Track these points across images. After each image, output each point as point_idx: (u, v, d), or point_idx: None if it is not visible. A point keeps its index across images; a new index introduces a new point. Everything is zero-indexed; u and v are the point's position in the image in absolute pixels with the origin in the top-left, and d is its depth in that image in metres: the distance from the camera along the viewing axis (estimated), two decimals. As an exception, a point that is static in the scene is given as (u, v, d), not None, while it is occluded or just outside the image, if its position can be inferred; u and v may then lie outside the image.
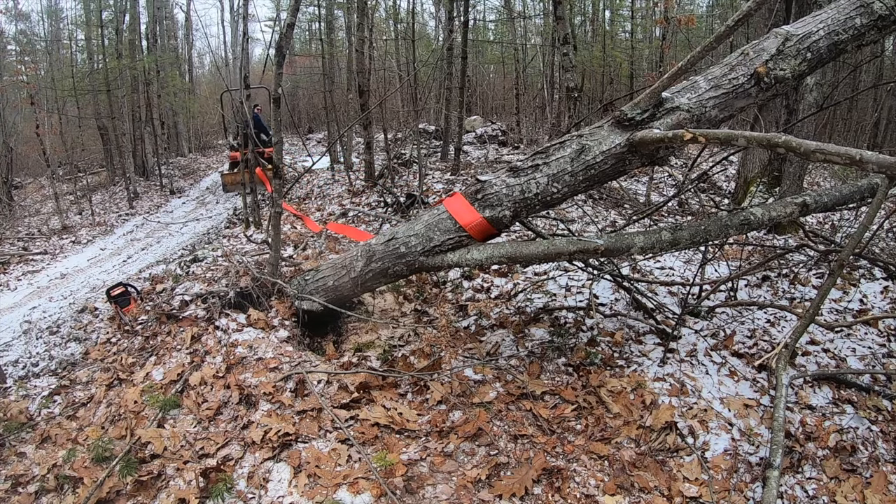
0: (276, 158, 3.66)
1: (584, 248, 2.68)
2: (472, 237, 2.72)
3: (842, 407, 2.57)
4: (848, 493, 2.18)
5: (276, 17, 18.89)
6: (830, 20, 2.60)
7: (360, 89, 8.58)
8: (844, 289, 3.65)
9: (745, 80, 2.56)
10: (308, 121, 19.21)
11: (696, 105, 2.57)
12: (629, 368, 3.00)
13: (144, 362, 3.36)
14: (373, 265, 2.91)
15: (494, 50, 18.39)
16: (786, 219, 2.78)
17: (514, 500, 2.27)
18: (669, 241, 2.67)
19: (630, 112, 2.56)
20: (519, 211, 2.69)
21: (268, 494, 2.32)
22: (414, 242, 2.81)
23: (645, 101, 2.54)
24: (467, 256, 2.71)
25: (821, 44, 2.57)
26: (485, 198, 2.69)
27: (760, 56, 2.56)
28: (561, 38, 6.78)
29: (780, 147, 1.99)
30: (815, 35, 2.57)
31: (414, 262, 2.83)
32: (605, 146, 2.56)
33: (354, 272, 2.98)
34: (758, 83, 2.54)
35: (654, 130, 2.47)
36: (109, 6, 14.26)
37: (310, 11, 16.14)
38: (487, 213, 2.68)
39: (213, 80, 23.72)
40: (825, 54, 2.59)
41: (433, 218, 2.84)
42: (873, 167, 1.79)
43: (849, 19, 2.59)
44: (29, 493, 2.51)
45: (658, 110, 2.54)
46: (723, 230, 2.68)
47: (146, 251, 8.11)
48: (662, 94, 2.54)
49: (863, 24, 2.58)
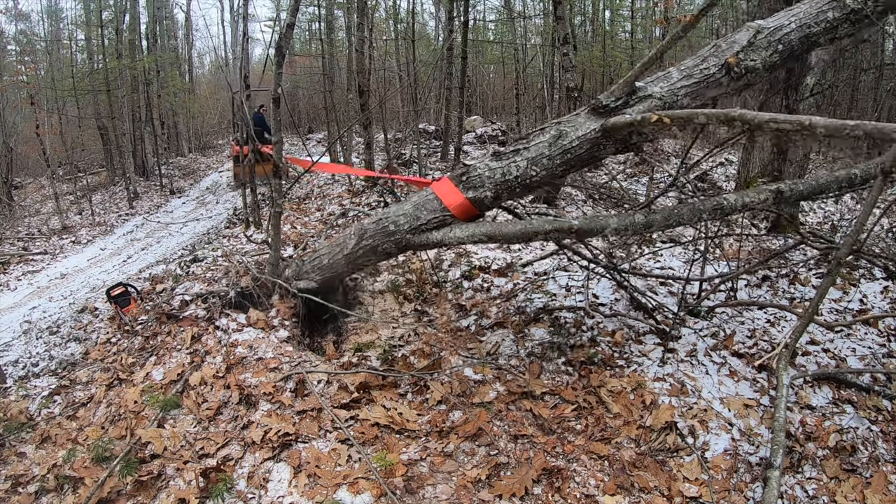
0: (277, 158, 3.66)
1: (558, 227, 2.77)
2: (455, 217, 2.85)
3: (842, 407, 2.57)
4: (848, 493, 2.18)
5: (276, 17, 18.89)
6: (803, 14, 2.68)
7: (360, 89, 8.58)
8: (844, 289, 3.65)
9: (716, 70, 2.65)
10: (308, 121, 19.20)
11: (668, 93, 2.67)
12: (629, 368, 3.00)
13: (144, 362, 3.36)
14: (363, 242, 3.05)
15: (494, 50, 18.38)
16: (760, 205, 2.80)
17: (514, 500, 2.27)
18: (643, 224, 2.73)
19: (605, 100, 2.68)
20: (500, 193, 2.82)
21: (268, 494, 2.32)
22: (402, 221, 2.95)
23: (619, 89, 2.66)
24: (450, 234, 2.84)
25: (792, 36, 2.65)
26: (469, 180, 2.84)
27: (732, 48, 2.66)
28: (561, 38, 6.78)
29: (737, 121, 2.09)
30: (787, 28, 2.65)
31: (402, 240, 2.97)
32: (582, 132, 2.69)
33: (347, 249, 3.13)
34: (728, 73, 2.63)
35: (625, 115, 2.59)
36: (109, 6, 14.25)
37: (310, 11, 16.13)
38: (470, 194, 2.81)
39: (213, 80, 23.72)
40: (797, 46, 2.67)
41: (421, 199, 2.97)
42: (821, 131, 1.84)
43: (821, 13, 2.66)
44: (29, 493, 2.51)
45: (631, 98, 2.66)
46: (695, 214, 2.74)
47: (146, 251, 8.10)
48: (636, 84, 2.65)
49: (835, 17, 2.65)
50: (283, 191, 3.81)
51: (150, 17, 15.65)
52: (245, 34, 7.25)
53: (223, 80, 12.83)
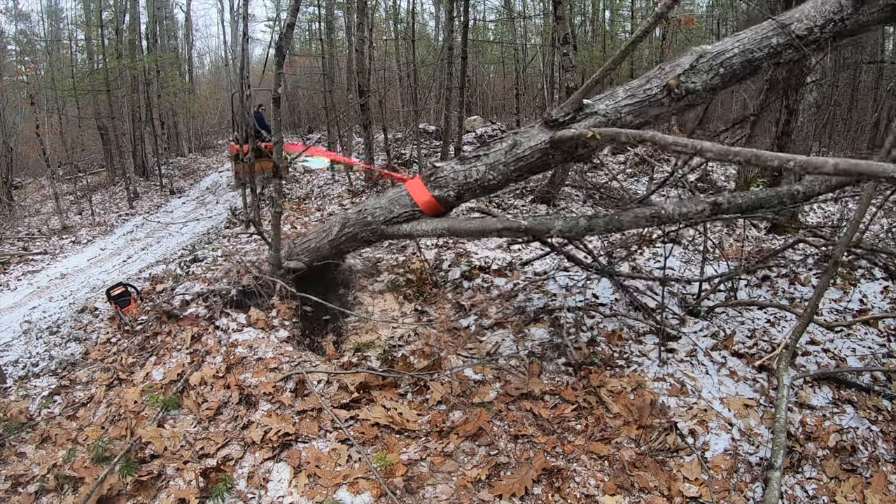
0: (277, 158, 3.66)
1: (509, 226, 3.04)
2: (423, 212, 3.14)
3: (842, 407, 2.57)
4: (848, 493, 2.19)
5: (276, 17, 18.87)
6: (747, 39, 2.81)
7: (360, 89, 8.58)
8: (844, 289, 3.65)
9: (657, 90, 2.81)
10: (308, 121, 19.19)
11: (613, 111, 2.86)
12: (629, 368, 3.00)
13: (144, 362, 3.36)
14: (346, 230, 3.36)
15: (494, 50, 18.36)
16: (697, 217, 2.93)
17: (514, 500, 2.27)
18: (585, 227, 2.97)
19: (556, 114, 2.91)
20: (462, 193, 3.10)
21: (268, 494, 2.32)
22: (378, 213, 3.25)
23: (568, 105, 2.88)
24: (417, 227, 3.15)
25: (734, 60, 2.77)
26: (436, 180, 3.11)
27: (675, 70, 2.81)
28: (561, 38, 6.77)
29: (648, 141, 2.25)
30: (729, 52, 2.78)
31: (377, 230, 3.27)
32: (534, 142, 2.93)
33: (331, 235, 3.43)
34: (669, 94, 2.79)
35: (570, 129, 2.80)
36: (109, 6, 14.24)
37: (310, 11, 16.12)
38: (436, 192, 3.09)
39: (213, 80, 23.71)
40: (738, 70, 2.79)
41: (395, 195, 3.26)
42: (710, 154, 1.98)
43: (765, 38, 2.78)
44: (29, 493, 2.51)
45: (578, 114, 2.87)
46: (635, 221, 2.92)
47: (146, 251, 8.10)
48: (584, 101, 2.86)
49: (779, 42, 2.77)
50: (283, 191, 3.81)
51: (150, 17, 15.65)
52: (245, 34, 7.24)
53: (223, 80, 12.83)
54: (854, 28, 2.84)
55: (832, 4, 2.75)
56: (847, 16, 2.74)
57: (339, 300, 3.96)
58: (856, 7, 2.73)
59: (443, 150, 11.51)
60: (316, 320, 3.84)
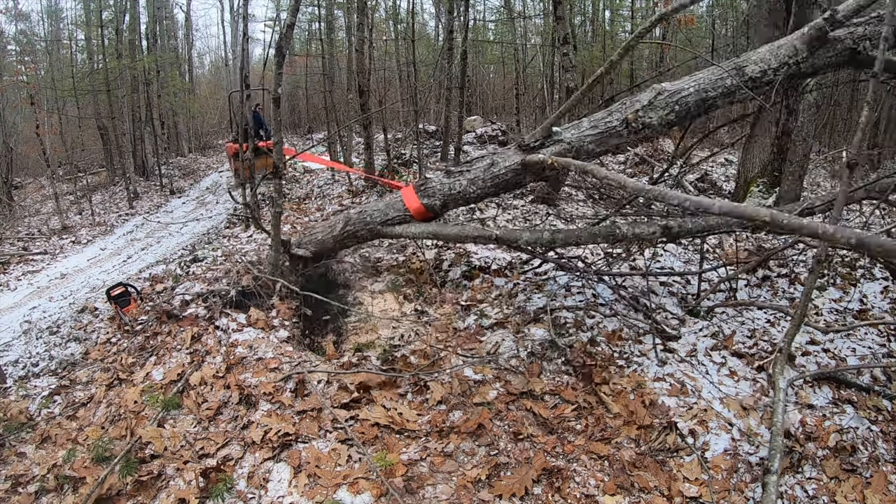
0: (277, 158, 3.66)
1: (482, 234, 3.42)
2: (413, 217, 3.52)
3: (842, 407, 2.57)
4: (848, 493, 2.19)
5: (276, 17, 18.86)
6: (704, 80, 3.00)
7: (360, 89, 8.58)
8: (844, 288, 3.65)
9: (617, 123, 3.07)
10: (308, 121, 19.18)
11: (577, 139, 3.15)
12: (629, 368, 3.00)
13: (144, 362, 3.36)
14: (348, 227, 3.75)
15: (494, 50, 18.36)
16: (649, 237, 3.16)
17: (514, 500, 2.27)
18: (548, 240, 3.29)
19: (528, 139, 3.24)
20: (447, 202, 3.47)
21: (268, 494, 2.32)
22: (376, 215, 3.63)
23: (539, 132, 3.20)
24: (408, 230, 3.54)
25: (689, 99, 2.97)
26: (425, 190, 3.50)
27: (634, 105, 3.04)
28: (561, 38, 6.77)
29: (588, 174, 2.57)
30: (686, 91, 2.98)
31: (374, 229, 3.68)
32: (508, 163, 3.26)
33: (335, 231, 3.79)
34: (627, 126, 3.03)
35: (538, 155, 3.12)
36: (109, 6, 14.24)
37: (310, 11, 16.10)
38: (425, 200, 3.46)
39: (213, 80, 23.71)
40: (693, 108, 3.01)
41: (392, 200, 3.65)
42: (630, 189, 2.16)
43: (720, 80, 2.95)
44: (29, 493, 2.51)
45: (547, 140, 3.17)
46: (592, 238, 3.23)
47: (146, 251, 8.10)
48: (553, 129, 3.17)
49: (733, 83, 2.94)
50: (283, 191, 3.81)
51: (150, 17, 15.65)
52: (245, 34, 7.24)
53: (223, 80, 12.84)
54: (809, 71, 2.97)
55: (787, 49, 2.87)
56: (802, 59, 2.88)
57: (339, 300, 3.96)
58: (811, 51, 2.85)
59: (443, 150, 11.52)
60: (316, 320, 3.84)
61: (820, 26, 2.79)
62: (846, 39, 2.85)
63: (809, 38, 2.83)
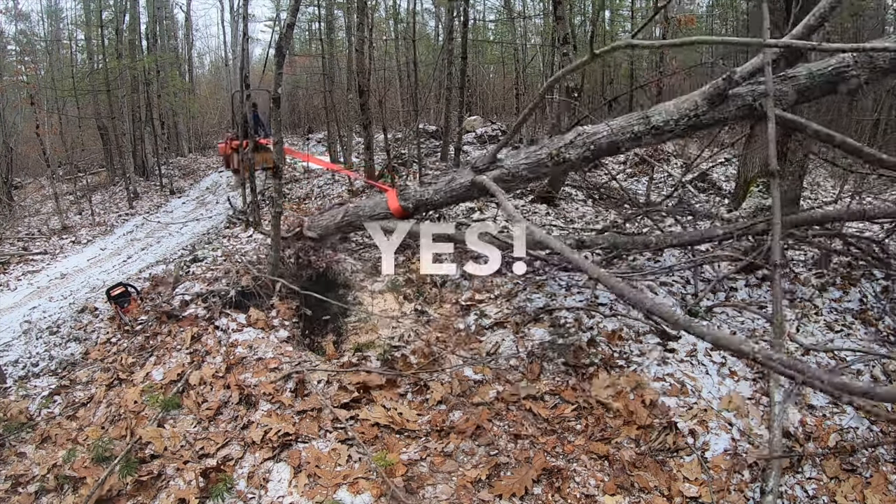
0: (277, 158, 3.66)
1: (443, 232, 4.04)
2: (393, 215, 4.16)
3: (842, 407, 2.57)
4: (848, 493, 2.19)
5: (276, 17, 18.85)
6: (616, 126, 3.40)
7: (360, 89, 8.58)
8: (845, 288, 3.65)
9: (545, 156, 3.58)
10: (308, 121, 19.18)
11: (514, 167, 3.68)
12: (629, 368, 3.00)
13: (144, 362, 3.36)
14: (346, 217, 4.41)
15: (494, 50, 18.35)
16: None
17: (514, 500, 2.27)
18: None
19: (478, 162, 3.80)
20: (418, 206, 4.12)
21: (268, 494, 2.32)
22: (367, 210, 4.30)
23: (488, 157, 3.75)
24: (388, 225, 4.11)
25: (602, 141, 3.42)
26: (402, 195, 4.22)
27: (560, 142, 3.54)
28: (561, 38, 6.77)
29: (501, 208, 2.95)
30: (600, 134, 3.42)
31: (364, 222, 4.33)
32: (463, 180, 3.86)
33: (336, 220, 4.45)
34: (552, 159, 3.55)
35: (481, 176, 3.68)
36: (109, 6, 14.24)
37: (310, 11, 16.09)
38: (402, 203, 4.11)
39: (213, 80, 23.70)
40: (605, 148, 3.47)
41: (380, 199, 4.33)
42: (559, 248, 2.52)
43: (629, 126, 3.36)
44: (29, 493, 2.52)
45: (492, 165, 3.73)
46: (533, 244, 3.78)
47: (146, 251, 8.10)
48: (498, 155, 3.74)
49: (640, 130, 3.33)
50: (283, 191, 3.81)
51: (150, 17, 15.65)
52: (245, 34, 7.25)
53: (223, 79, 12.84)
54: (710, 122, 3.31)
55: (689, 103, 3.24)
56: (702, 113, 3.22)
57: (339, 300, 3.96)
58: (711, 106, 3.20)
59: (443, 149, 11.52)
60: (316, 320, 3.84)
61: (718, 85, 3.14)
62: (747, 96, 3.19)
63: (709, 95, 3.18)
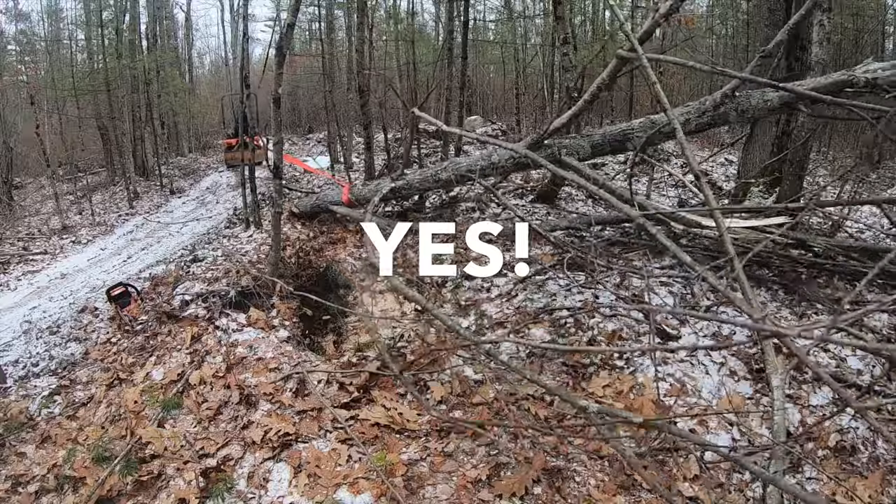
0: (277, 158, 3.66)
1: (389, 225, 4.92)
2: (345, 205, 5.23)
3: (842, 406, 2.56)
4: (848, 493, 2.18)
5: (276, 17, 18.83)
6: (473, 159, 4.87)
7: (360, 89, 8.57)
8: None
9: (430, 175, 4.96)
10: (308, 121, 19.17)
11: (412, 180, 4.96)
12: (629, 368, 3.00)
13: (144, 362, 3.36)
14: (315, 202, 5.82)
15: (494, 50, 18.34)
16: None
17: (513, 500, 2.27)
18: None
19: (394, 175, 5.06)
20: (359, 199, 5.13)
21: (268, 494, 2.32)
22: (329, 198, 5.59)
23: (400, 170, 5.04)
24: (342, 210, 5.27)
25: (462, 168, 4.69)
26: (350, 191, 5.38)
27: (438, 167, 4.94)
28: (561, 38, 6.78)
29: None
30: (462, 164, 4.76)
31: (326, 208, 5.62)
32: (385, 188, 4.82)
33: (310, 204, 5.84)
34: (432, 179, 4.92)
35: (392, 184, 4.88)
36: (109, 6, 14.23)
37: (310, 11, 16.08)
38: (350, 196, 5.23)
39: (213, 80, 23.69)
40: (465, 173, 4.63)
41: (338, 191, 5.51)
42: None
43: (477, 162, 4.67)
44: (29, 493, 2.52)
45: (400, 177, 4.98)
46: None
47: (146, 251, 8.09)
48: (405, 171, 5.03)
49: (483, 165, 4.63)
50: (283, 191, 3.81)
51: (150, 17, 15.63)
52: (245, 34, 7.23)
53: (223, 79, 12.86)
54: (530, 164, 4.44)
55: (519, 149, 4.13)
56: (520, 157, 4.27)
57: (339, 300, 3.97)
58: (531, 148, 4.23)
59: (443, 149, 11.50)
60: (316, 320, 3.84)
61: (533, 138, 4.42)
62: (553, 147, 4.38)
63: (529, 144, 4.35)
